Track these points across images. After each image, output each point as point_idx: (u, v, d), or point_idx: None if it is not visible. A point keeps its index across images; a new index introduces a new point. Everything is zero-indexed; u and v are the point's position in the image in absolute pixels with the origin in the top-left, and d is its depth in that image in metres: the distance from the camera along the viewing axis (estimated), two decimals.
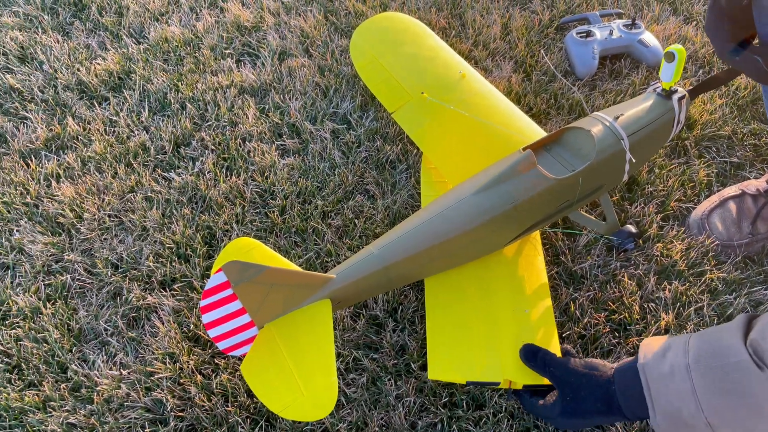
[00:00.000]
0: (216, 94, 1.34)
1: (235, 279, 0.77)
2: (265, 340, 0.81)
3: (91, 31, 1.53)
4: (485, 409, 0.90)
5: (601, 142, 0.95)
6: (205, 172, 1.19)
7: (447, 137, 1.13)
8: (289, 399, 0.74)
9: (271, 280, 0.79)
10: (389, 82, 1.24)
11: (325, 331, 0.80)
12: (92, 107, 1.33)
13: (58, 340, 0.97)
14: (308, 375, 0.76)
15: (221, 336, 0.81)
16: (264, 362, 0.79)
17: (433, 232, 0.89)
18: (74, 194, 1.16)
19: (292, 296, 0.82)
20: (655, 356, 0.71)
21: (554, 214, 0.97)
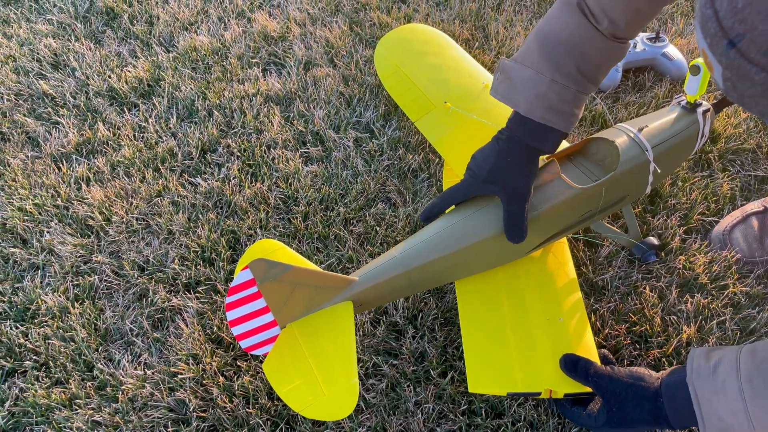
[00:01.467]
0: (242, 102, 1.36)
1: (260, 277, 0.78)
2: (287, 339, 0.82)
3: (123, 39, 1.57)
4: (504, 417, 0.90)
5: (625, 153, 0.95)
6: (230, 178, 1.22)
7: (470, 146, 1.13)
8: (311, 398, 0.75)
9: (296, 280, 0.80)
10: (413, 91, 1.25)
11: (347, 332, 0.80)
12: (122, 113, 1.37)
13: (85, 340, 1.00)
14: (330, 375, 0.76)
15: (244, 334, 0.82)
16: (285, 361, 0.80)
17: (455, 238, 0.90)
18: (103, 197, 1.19)
19: (315, 297, 0.83)
20: (705, 371, 0.72)
21: (577, 224, 0.97)
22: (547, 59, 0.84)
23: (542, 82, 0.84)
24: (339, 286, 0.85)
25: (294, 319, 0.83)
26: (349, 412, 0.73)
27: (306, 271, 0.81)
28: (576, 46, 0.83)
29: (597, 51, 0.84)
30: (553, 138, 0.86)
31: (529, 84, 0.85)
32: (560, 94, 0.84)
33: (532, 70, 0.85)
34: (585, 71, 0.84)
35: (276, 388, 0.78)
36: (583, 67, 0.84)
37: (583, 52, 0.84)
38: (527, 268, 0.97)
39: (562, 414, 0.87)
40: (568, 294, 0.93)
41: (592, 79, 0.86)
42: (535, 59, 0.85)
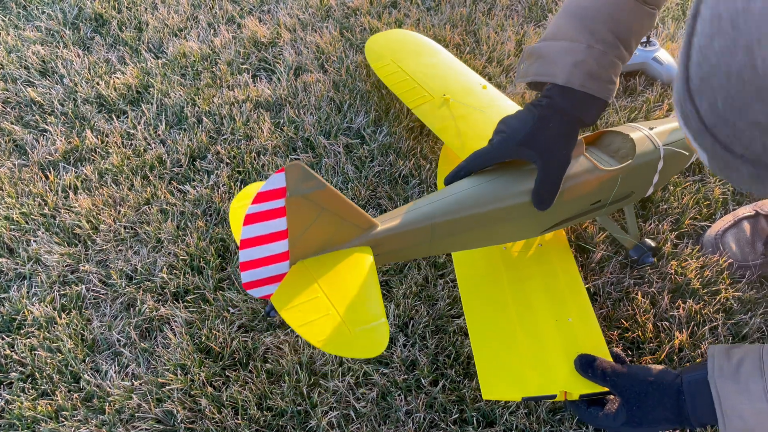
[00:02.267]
0: (232, 109, 1.36)
1: (292, 186, 0.69)
2: (299, 275, 0.74)
3: (111, 46, 1.56)
4: (496, 426, 0.89)
5: (640, 146, 0.96)
6: (219, 185, 1.21)
7: (474, 135, 1.13)
8: (332, 334, 0.67)
9: (325, 203, 0.73)
10: (409, 83, 1.25)
11: (370, 273, 0.74)
12: (110, 120, 1.35)
13: (71, 350, 0.98)
14: (353, 314, 0.69)
15: (250, 263, 0.73)
16: (299, 297, 0.71)
17: (481, 198, 0.87)
18: (91, 206, 1.18)
19: (337, 231, 0.76)
20: (728, 370, 0.71)
21: (585, 213, 0.97)
22: (581, 28, 0.84)
23: (579, 49, 0.83)
24: (362, 226, 0.78)
25: (308, 256, 0.76)
26: (380, 351, 0.66)
27: (338, 195, 0.73)
28: (608, 12, 0.83)
29: (630, 15, 0.84)
30: (595, 107, 0.85)
31: (565, 53, 0.84)
32: (598, 60, 0.83)
33: (565, 41, 0.85)
34: (620, 35, 0.84)
35: (288, 320, 0.69)
36: (618, 32, 0.83)
37: (616, 18, 0.83)
38: (530, 271, 0.97)
39: (578, 416, 0.86)
40: (574, 293, 0.93)
41: (627, 44, 0.85)
42: (568, 31, 0.85)
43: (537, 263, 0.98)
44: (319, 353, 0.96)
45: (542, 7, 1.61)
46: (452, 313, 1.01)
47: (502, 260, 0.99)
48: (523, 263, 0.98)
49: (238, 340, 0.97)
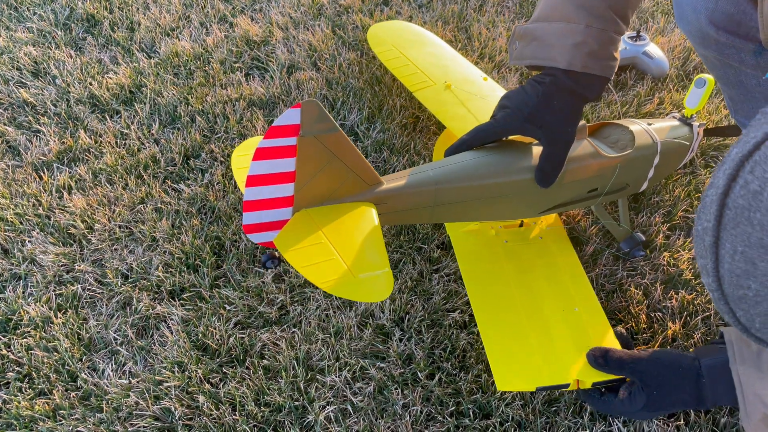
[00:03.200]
0: (225, 107, 1.36)
1: (307, 125, 0.68)
2: (303, 221, 0.74)
3: (104, 46, 1.56)
4: (492, 418, 0.90)
5: (639, 139, 0.97)
6: (214, 184, 1.21)
7: (473, 118, 1.14)
8: (336, 277, 0.66)
9: (336, 149, 0.72)
10: (410, 68, 1.27)
11: (374, 227, 0.74)
12: (104, 120, 1.35)
13: (68, 349, 0.98)
14: (358, 261, 0.69)
15: (254, 203, 0.72)
16: (303, 239, 0.71)
17: (487, 169, 0.88)
18: (85, 205, 1.18)
19: (343, 182, 0.76)
20: (749, 357, 0.73)
21: (582, 200, 0.98)
22: (578, 6, 0.82)
23: (577, 30, 0.81)
24: (368, 181, 0.78)
25: (312, 205, 0.76)
26: (385, 296, 0.66)
27: (350, 144, 0.73)
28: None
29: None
30: (599, 84, 0.84)
31: (563, 36, 0.82)
32: (598, 38, 0.82)
33: (561, 22, 0.83)
34: (617, 10, 0.82)
35: (292, 261, 0.68)
36: (615, 6, 0.82)
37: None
38: (533, 263, 0.98)
39: (592, 406, 0.86)
40: (577, 283, 0.94)
41: (624, 17, 0.84)
42: (563, 11, 0.83)
43: (539, 256, 0.99)
44: (316, 348, 0.96)
45: (533, 3, 1.62)
46: (447, 307, 1.01)
47: (505, 254, 1.00)
48: (526, 256, 0.99)
49: (235, 336, 0.98)
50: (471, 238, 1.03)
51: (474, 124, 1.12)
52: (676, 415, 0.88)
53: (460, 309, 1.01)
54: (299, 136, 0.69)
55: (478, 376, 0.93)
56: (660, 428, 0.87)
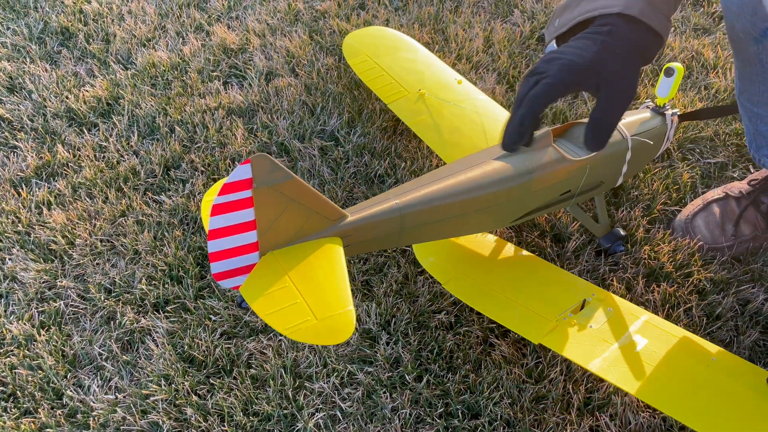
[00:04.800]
0: (204, 116, 1.35)
1: (259, 177, 0.69)
2: (269, 265, 0.75)
3: (79, 59, 1.55)
4: (481, 418, 0.90)
5: None
6: (195, 194, 1.20)
7: (447, 127, 1.15)
8: (299, 321, 0.68)
9: (293, 195, 0.73)
10: (385, 78, 1.27)
11: (338, 263, 0.74)
12: (82, 134, 1.34)
13: (52, 367, 0.97)
14: (320, 302, 0.70)
15: (219, 254, 0.73)
16: (267, 287, 0.72)
17: (453, 190, 0.88)
18: (66, 220, 1.17)
19: (306, 223, 0.77)
20: None
21: (556, 203, 0.99)
22: None
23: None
24: (331, 217, 0.79)
25: (277, 247, 0.77)
26: (346, 337, 0.67)
27: (306, 186, 0.74)
28: None
29: None
30: (655, 44, 0.77)
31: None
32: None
33: None
34: None
35: (256, 309, 0.70)
36: None
37: None
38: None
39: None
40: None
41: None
42: None
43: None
44: (303, 355, 0.96)
45: (508, 3, 1.63)
46: (433, 308, 1.02)
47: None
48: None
49: (221, 347, 0.97)
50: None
51: (447, 133, 1.13)
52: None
53: (446, 310, 1.01)
54: (253, 188, 0.70)
55: (465, 377, 0.94)
56: (646, 420, 0.88)
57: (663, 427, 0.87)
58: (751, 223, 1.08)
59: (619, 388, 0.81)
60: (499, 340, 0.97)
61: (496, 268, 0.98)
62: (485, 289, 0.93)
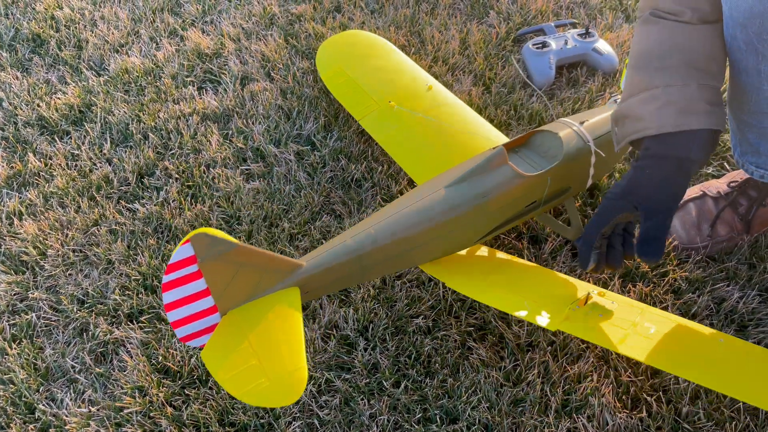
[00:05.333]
0: (178, 123, 1.34)
1: (202, 254, 0.72)
2: (228, 326, 0.77)
3: (51, 66, 1.52)
4: (459, 422, 0.90)
5: (568, 144, 0.97)
6: (170, 201, 1.19)
7: (415, 143, 1.14)
8: (252, 384, 0.70)
9: (241, 260, 0.75)
10: (356, 91, 1.26)
11: (294, 318, 0.76)
12: (53, 142, 1.32)
13: (24, 381, 0.96)
14: (274, 361, 0.72)
15: (181, 321, 0.76)
16: (226, 349, 0.75)
17: (406, 223, 0.89)
18: (37, 231, 1.15)
19: (260, 281, 0.78)
20: None
21: (522, 214, 0.98)
22: (652, 73, 0.82)
23: (657, 93, 0.81)
24: (286, 270, 0.81)
25: (236, 305, 0.78)
26: (294, 399, 0.69)
27: (252, 250, 0.76)
28: (672, 45, 0.82)
29: (698, 41, 0.81)
30: (701, 139, 0.80)
31: (647, 103, 0.81)
32: (683, 93, 0.80)
33: (642, 92, 0.82)
34: (696, 64, 0.81)
35: (215, 375, 0.73)
36: (692, 60, 0.81)
37: (684, 47, 0.81)
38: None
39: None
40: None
41: (708, 69, 0.81)
42: (640, 83, 0.83)
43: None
44: None
45: (484, 4, 1.63)
46: (411, 313, 1.01)
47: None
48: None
49: (196, 357, 0.96)
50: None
51: (415, 150, 1.13)
52: (639, 407, 0.89)
53: (424, 315, 1.01)
54: (198, 263, 0.73)
55: (443, 381, 0.93)
56: (623, 420, 0.88)
57: (640, 427, 0.87)
58: (727, 224, 1.08)
59: (651, 365, 0.84)
60: (476, 344, 0.97)
61: (493, 271, 0.98)
62: (488, 287, 0.93)
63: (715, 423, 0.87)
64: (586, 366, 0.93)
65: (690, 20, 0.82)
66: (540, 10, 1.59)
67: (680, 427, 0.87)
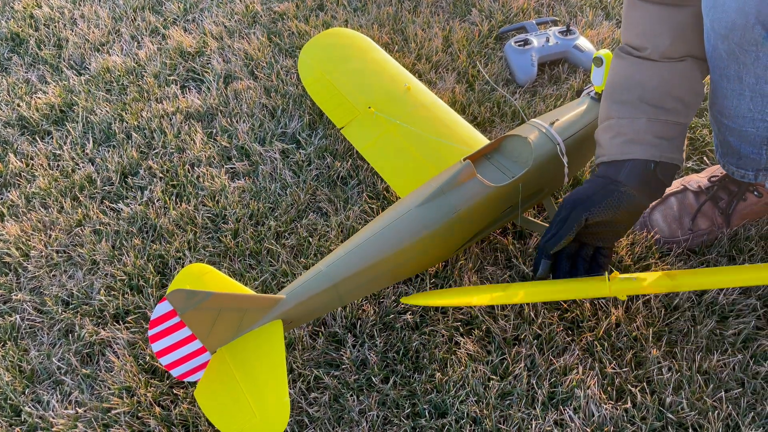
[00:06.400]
0: (162, 122, 1.33)
1: (180, 307, 0.77)
2: (218, 364, 0.81)
3: (30, 65, 1.51)
4: (448, 416, 0.90)
5: (537, 148, 0.98)
6: (154, 201, 1.18)
7: (394, 151, 1.15)
8: (242, 421, 0.75)
9: (219, 305, 0.79)
10: (337, 98, 1.25)
11: (277, 352, 0.80)
12: (34, 142, 1.31)
13: (9, 383, 0.95)
14: (260, 396, 0.76)
15: (174, 363, 0.81)
16: (217, 387, 0.80)
17: (379, 247, 0.91)
18: (19, 232, 1.13)
19: (243, 320, 0.82)
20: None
21: (499, 220, 0.99)
22: (611, 105, 0.91)
23: (612, 124, 0.90)
24: (266, 306, 0.84)
25: (224, 343, 0.82)
26: (282, 429, 0.74)
27: (228, 295, 0.80)
28: (631, 81, 0.90)
29: (654, 77, 0.89)
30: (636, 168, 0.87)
31: (606, 132, 0.91)
32: (632, 125, 0.88)
33: (604, 122, 0.92)
34: (650, 100, 0.89)
35: (208, 414, 0.77)
36: (646, 97, 0.89)
37: (641, 82, 0.90)
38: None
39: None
40: None
41: (662, 105, 0.89)
42: (603, 112, 0.93)
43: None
44: None
45: (466, 2, 1.64)
46: (399, 309, 1.02)
47: None
48: None
49: None
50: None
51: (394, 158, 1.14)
52: (624, 398, 0.91)
53: (411, 311, 1.01)
54: (179, 315, 0.77)
55: (432, 376, 0.94)
56: (608, 411, 0.89)
57: (625, 418, 0.89)
58: (708, 218, 1.10)
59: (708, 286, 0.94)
60: (464, 338, 0.98)
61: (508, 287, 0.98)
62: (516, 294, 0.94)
63: (698, 412, 0.88)
64: (571, 359, 0.95)
65: (650, 56, 0.90)
66: (521, 8, 1.60)
67: (664, 417, 0.89)
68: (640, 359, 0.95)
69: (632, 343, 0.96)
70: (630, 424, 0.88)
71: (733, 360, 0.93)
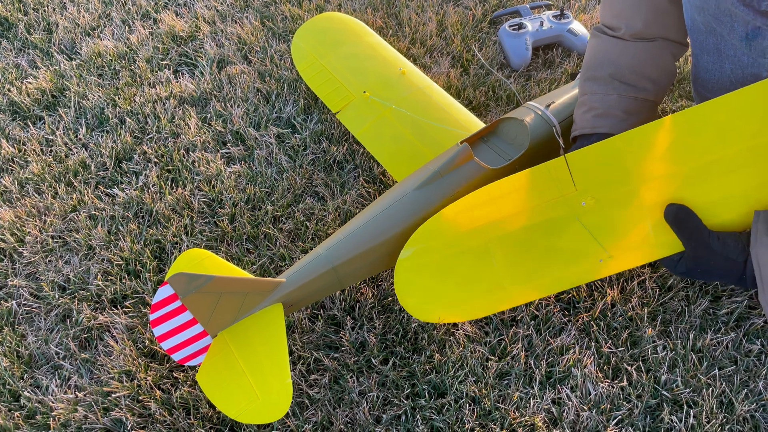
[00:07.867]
0: (155, 106, 1.32)
1: (182, 291, 0.77)
2: (219, 348, 0.82)
3: (20, 50, 1.49)
4: (447, 396, 0.91)
5: (534, 130, 0.99)
6: (149, 186, 1.18)
7: (390, 135, 1.15)
8: (245, 403, 0.76)
9: (220, 289, 0.79)
10: (332, 82, 1.25)
11: (278, 335, 0.81)
12: (26, 128, 1.29)
13: (8, 368, 0.94)
14: (262, 379, 0.77)
15: (175, 347, 0.81)
16: (219, 370, 0.80)
17: (378, 231, 0.91)
18: (14, 218, 1.13)
19: (243, 303, 0.83)
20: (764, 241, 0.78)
21: None
22: (585, 81, 0.96)
23: (585, 100, 0.95)
24: (267, 289, 0.85)
25: (225, 327, 0.83)
26: (283, 413, 0.75)
27: (229, 279, 0.81)
28: (604, 58, 0.95)
29: (626, 56, 0.92)
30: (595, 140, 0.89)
31: (579, 108, 0.96)
32: (603, 101, 0.93)
33: (579, 98, 0.98)
34: (621, 77, 0.92)
35: (210, 397, 0.78)
36: (618, 74, 0.92)
37: (613, 60, 0.93)
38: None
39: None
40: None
41: (633, 83, 0.92)
42: (580, 89, 0.98)
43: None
44: None
45: None
46: None
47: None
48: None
49: None
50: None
51: (390, 143, 1.14)
52: (620, 376, 0.92)
53: None
54: (180, 299, 0.78)
55: (430, 357, 0.95)
56: (605, 390, 0.91)
57: (621, 396, 0.90)
58: None
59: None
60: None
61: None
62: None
63: (693, 389, 0.90)
64: (568, 339, 0.96)
65: (623, 36, 0.93)
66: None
67: (659, 395, 0.90)
68: (636, 338, 0.96)
69: (627, 323, 0.98)
70: (626, 402, 0.89)
71: (727, 338, 0.95)
